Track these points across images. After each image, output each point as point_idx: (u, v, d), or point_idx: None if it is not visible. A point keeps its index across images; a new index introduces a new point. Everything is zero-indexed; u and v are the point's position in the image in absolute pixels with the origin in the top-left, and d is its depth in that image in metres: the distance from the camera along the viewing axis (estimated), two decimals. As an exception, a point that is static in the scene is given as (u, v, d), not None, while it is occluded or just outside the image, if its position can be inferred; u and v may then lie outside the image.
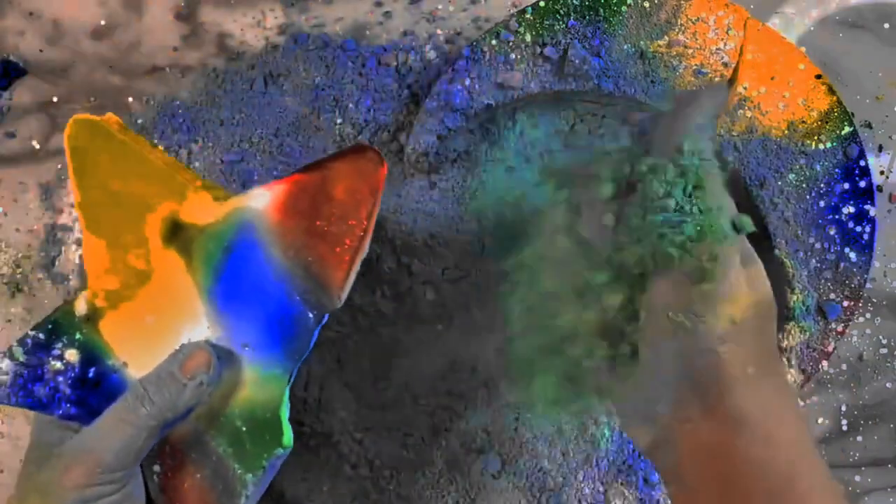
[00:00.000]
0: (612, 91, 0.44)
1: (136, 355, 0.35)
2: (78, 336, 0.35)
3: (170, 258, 0.35)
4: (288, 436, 0.34)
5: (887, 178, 0.50)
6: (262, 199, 0.35)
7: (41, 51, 0.48)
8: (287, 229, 0.35)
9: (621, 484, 0.47)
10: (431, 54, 0.48)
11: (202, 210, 0.35)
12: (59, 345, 0.35)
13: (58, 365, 0.35)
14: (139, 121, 0.48)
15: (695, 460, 0.32)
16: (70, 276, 0.48)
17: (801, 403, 0.49)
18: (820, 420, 0.49)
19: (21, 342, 0.35)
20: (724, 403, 0.31)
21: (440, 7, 0.49)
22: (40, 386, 0.34)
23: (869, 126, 0.50)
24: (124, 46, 0.48)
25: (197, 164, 0.47)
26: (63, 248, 0.48)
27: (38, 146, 0.48)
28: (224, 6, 0.49)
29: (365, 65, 0.48)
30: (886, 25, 0.50)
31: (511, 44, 0.44)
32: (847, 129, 0.44)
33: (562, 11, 0.44)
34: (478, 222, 0.47)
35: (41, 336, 0.35)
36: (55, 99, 0.48)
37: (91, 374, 0.35)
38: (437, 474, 0.47)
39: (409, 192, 0.47)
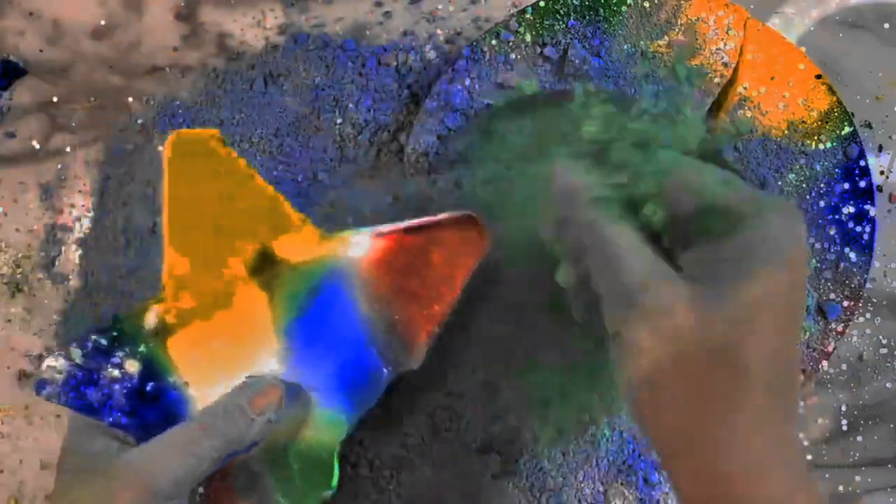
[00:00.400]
0: (612, 91, 0.44)
1: (199, 377, 0.35)
2: (142, 348, 0.34)
3: (252, 289, 0.35)
4: (336, 478, 0.35)
5: (887, 178, 0.50)
6: (359, 249, 0.35)
7: (41, 51, 0.48)
8: (379, 283, 0.35)
9: (621, 484, 0.47)
10: (431, 54, 0.48)
11: (297, 247, 0.35)
12: (121, 353, 0.34)
13: (115, 373, 0.34)
14: (139, 121, 0.48)
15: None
16: (70, 276, 0.48)
17: (802, 403, 0.49)
18: (820, 420, 0.49)
19: (80, 344, 0.34)
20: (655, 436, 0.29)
21: (440, 7, 0.49)
22: (94, 390, 0.34)
23: (869, 126, 0.50)
24: (124, 46, 0.48)
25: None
26: (63, 248, 0.48)
27: (38, 146, 0.48)
28: (224, 6, 0.49)
29: (365, 65, 0.48)
30: (886, 25, 0.50)
31: (511, 44, 0.44)
32: (847, 129, 0.44)
33: (562, 11, 0.44)
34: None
35: (103, 342, 0.34)
36: (55, 99, 0.48)
37: (149, 388, 0.34)
38: (438, 474, 0.47)
39: (408, 191, 0.47)
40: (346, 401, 0.35)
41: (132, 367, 0.34)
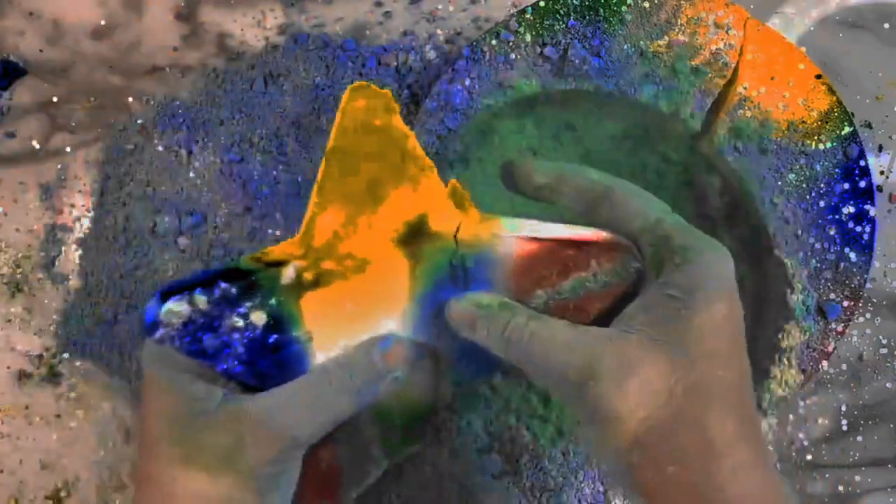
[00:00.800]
0: (612, 91, 0.44)
1: (326, 335, 0.34)
2: (273, 301, 0.33)
3: (396, 257, 0.34)
4: (423, 439, 0.36)
5: (887, 178, 0.50)
6: (511, 244, 0.34)
7: (41, 51, 0.48)
8: (518, 281, 0.34)
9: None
10: (431, 54, 0.48)
11: (452, 223, 0.34)
12: (250, 304, 0.33)
13: (240, 323, 0.32)
14: (139, 121, 0.48)
15: None
16: (70, 276, 0.48)
17: (802, 403, 0.49)
18: (820, 420, 0.49)
19: (207, 290, 0.32)
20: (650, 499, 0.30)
21: (440, 7, 0.49)
22: (211, 336, 0.32)
23: (869, 126, 0.50)
24: (124, 46, 0.48)
25: (197, 163, 0.47)
26: (63, 248, 0.48)
27: (38, 146, 0.48)
28: (224, 6, 0.49)
29: (365, 65, 0.48)
30: (886, 25, 0.50)
31: (511, 44, 0.44)
32: (847, 129, 0.44)
33: (562, 11, 0.44)
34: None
35: (233, 290, 0.32)
36: (55, 99, 0.48)
37: (272, 340, 0.33)
38: (438, 474, 0.47)
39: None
40: (463, 369, 0.35)
41: (259, 318, 0.33)
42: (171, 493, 0.31)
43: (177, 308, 0.32)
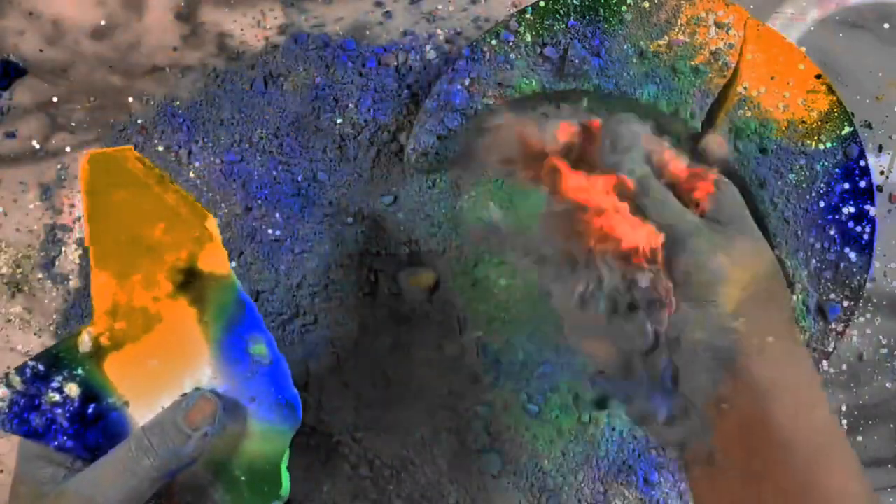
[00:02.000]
0: (612, 91, 0.44)
1: (139, 396, 0.35)
2: (79, 371, 0.35)
3: (181, 305, 0.35)
4: (286, 486, 0.35)
5: (887, 178, 0.50)
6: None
7: (41, 51, 0.48)
8: None
9: (621, 484, 0.47)
10: (431, 54, 0.48)
11: (221, 259, 0.35)
12: (60, 378, 0.34)
13: (56, 397, 0.34)
14: (139, 121, 0.48)
15: (728, 438, 0.33)
16: (70, 276, 0.48)
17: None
18: (820, 420, 0.49)
19: (20, 371, 0.34)
20: (751, 376, 0.32)
21: (440, 7, 0.49)
22: (36, 415, 0.34)
23: (869, 126, 0.50)
24: (124, 46, 0.48)
25: (197, 163, 0.47)
26: (63, 248, 0.48)
27: (38, 146, 0.48)
28: (224, 6, 0.49)
29: (365, 65, 0.48)
30: (886, 25, 0.50)
31: (511, 44, 0.44)
32: (847, 129, 0.44)
33: (562, 11, 0.44)
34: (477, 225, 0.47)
35: (41, 367, 0.34)
36: (55, 99, 0.48)
37: (90, 411, 0.35)
38: (438, 474, 0.47)
39: (408, 191, 0.47)
40: (286, 413, 0.35)
41: (72, 390, 0.34)
42: None
43: None
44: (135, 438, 0.33)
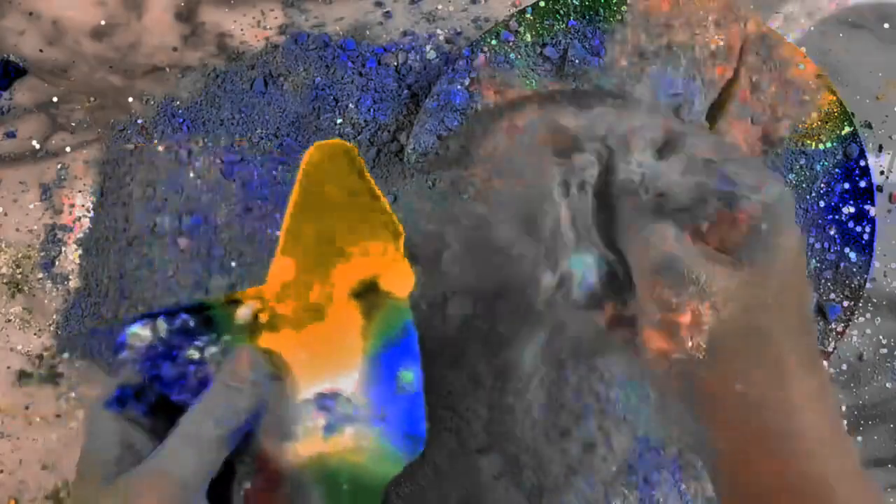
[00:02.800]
0: (612, 91, 0.44)
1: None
2: (227, 338, 0.34)
3: (351, 312, 0.34)
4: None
5: (887, 178, 0.50)
6: None
7: (41, 51, 0.48)
8: None
9: (621, 484, 0.47)
10: (431, 54, 0.48)
11: (405, 283, 0.35)
12: (206, 339, 0.34)
13: (195, 355, 0.34)
14: (139, 121, 0.48)
15: (738, 412, 0.32)
16: (70, 276, 0.48)
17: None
18: (820, 420, 0.49)
19: (169, 319, 0.34)
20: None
21: (440, 7, 0.49)
22: (170, 366, 0.34)
23: (869, 126, 0.50)
24: (124, 46, 0.48)
25: (197, 163, 0.47)
26: (63, 248, 0.48)
27: (38, 146, 0.48)
28: (224, 6, 0.49)
29: (365, 65, 0.48)
30: (886, 25, 0.50)
31: (511, 44, 0.44)
32: (847, 129, 0.44)
33: (562, 11, 0.44)
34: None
35: (191, 324, 0.34)
36: (55, 99, 0.48)
37: None
38: (438, 474, 0.47)
39: (408, 192, 0.47)
40: (408, 443, 0.35)
41: (213, 354, 0.34)
42: None
43: (140, 332, 0.34)
44: (193, 405, 0.33)
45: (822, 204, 0.44)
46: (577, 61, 0.44)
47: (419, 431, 0.35)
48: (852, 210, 0.44)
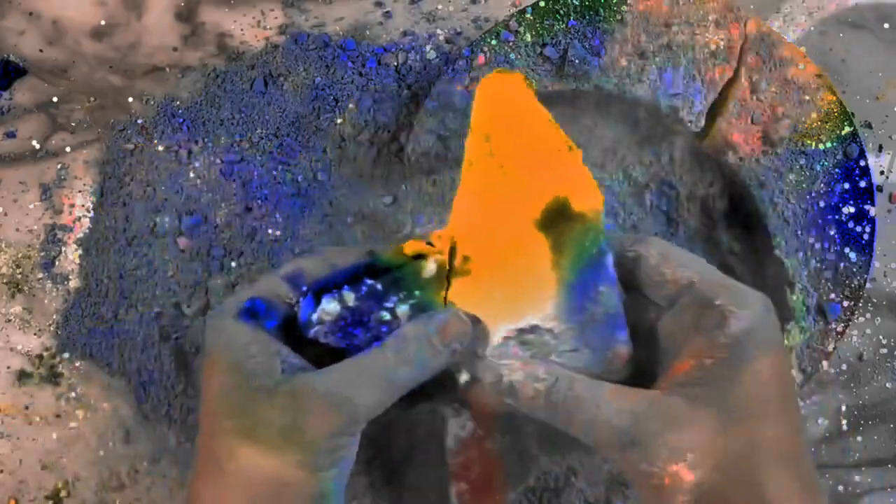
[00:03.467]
0: (612, 91, 0.44)
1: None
2: (417, 294, 0.34)
3: (541, 244, 0.33)
4: None
5: (887, 178, 0.50)
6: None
7: (41, 51, 0.48)
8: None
9: (621, 484, 0.47)
10: (431, 54, 0.48)
11: (594, 197, 0.33)
12: (395, 299, 0.34)
13: (387, 317, 0.34)
14: (139, 121, 0.48)
15: None
16: (70, 276, 0.48)
17: (802, 403, 0.49)
18: (820, 420, 0.49)
19: (355, 288, 0.33)
20: None
21: (440, 7, 0.49)
22: (362, 331, 0.33)
23: (869, 126, 0.50)
24: (124, 46, 0.48)
25: (197, 164, 0.47)
26: (63, 248, 0.48)
27: (38, 146, 0.48)
28: (224, 6, 0.49)
29: (365, 65, 0.48)
30: (886, 25, 0.50)
31: (511, 44, 0.44)
32: (847, 129, 0.44)
33: (562, 11, 0.44)
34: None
35: (378, 287, 0.34)
36: (55, 99, 0.48)
37: None
38: (438, 474, 0.47)
39: (408, 191, 0.47)
40: (612, 363, 0.33)
41: (403, 314, 0.34)
42: (227, 470, 0.31)
43: (330, 308, 0.33)
44: (392, 348, 0.32)
45: (822, 204, 0.44)
46: (577, 61, 0.44)
47: (622, 350, 0.33)
48: (852, 210, 0.44)
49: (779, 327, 0.31)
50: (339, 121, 0.47)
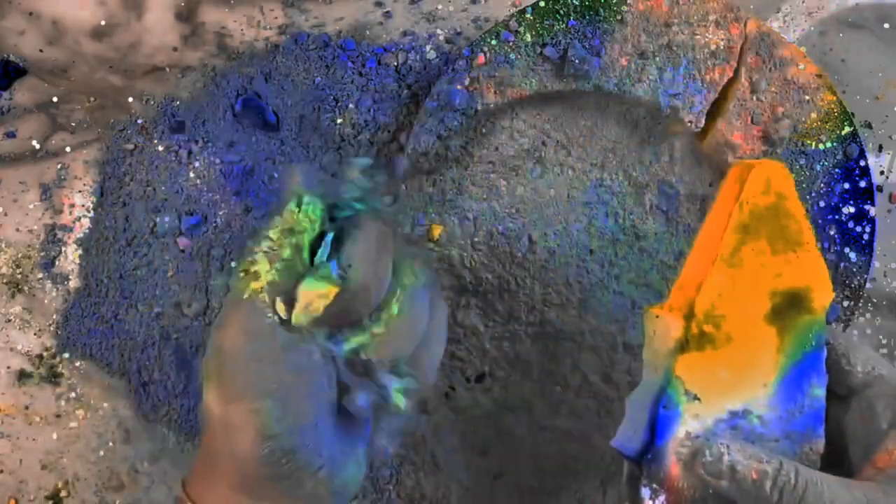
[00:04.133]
0: (612, 91, 0.44)
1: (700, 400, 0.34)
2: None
3: (769, 329, 0.34)
4: None
5: (887, 178, 0.50)
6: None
7: (41, 51, 0.48)
8: None
9: (621, 483, 0.47)
10: (431, 54, 0.48)
11: (824, 293, 0.34)
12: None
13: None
14: (139, 121, 0.48)
15: None
16: (70, 276, 0.48)
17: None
18: (820, 420, 0.49)
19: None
20: None
21: (440, 7, 0.49)
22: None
23: (869, 126, 0.50)
24: (124, 46, 0.48)
25: (197, 164, 0.47)
26: (63, 248, 0.48)
27: (38, 146, 0.48)
28: (224, 6, 0.49)
29: (365, 65, 0.48)
30: (886, 25, 0.50)
31: (511, 44, 0.44)
32: (847, 129, 0.44)
33: (562, 11, 0.44)
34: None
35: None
36: (55, 99, 0.48)
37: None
38: (437, 474, 0.47)
39: (408, 191, 0.47)
40: (810, 455, 0.35)
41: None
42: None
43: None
44: None
45: (822, 204, 0.44)
46: (577, 61, 0.44)
47: (819, 445, 0.34)
48: (852, 210, 0.44)
49: None
50: (339, 121, 0.47)
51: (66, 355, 0.47)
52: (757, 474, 0.31)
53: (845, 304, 0.45)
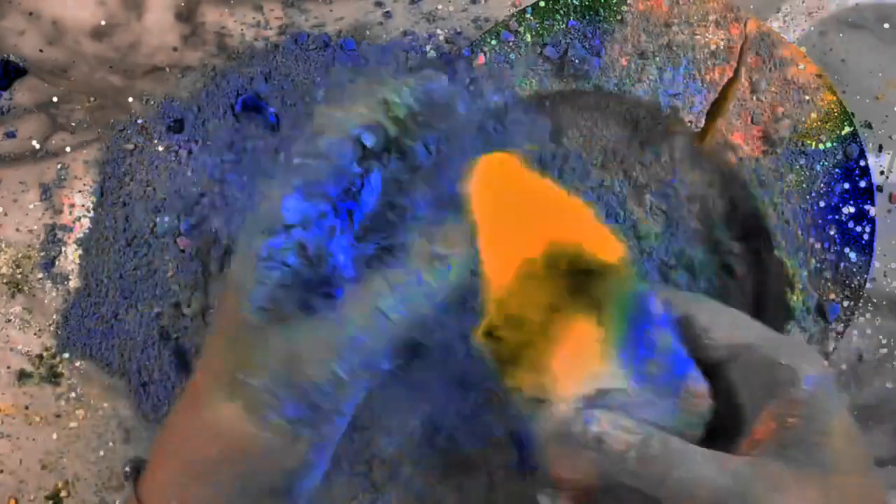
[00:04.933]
0: (612, 91, 0.44)
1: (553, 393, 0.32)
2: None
3: (578, 307, 0.32)
4: None
5: (887, 178, 0.50)
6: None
7: (41, 51, 0.48)
8: None
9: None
10: (431, 54, 0.48)
11: (610, 248, 0.32)
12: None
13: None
14: (139, 121, 0.48)
15: None
16: (70, 276, 0.48)
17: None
18: (820, 420, 0.49)
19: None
20: None
21: (440, 7, 0.49)
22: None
23: (869, 126, 0.50)
24: (124, 46, 0.48)
25: (197, 164, 0.47)
26: (63, 248, 0.48)
27: (38, 146, 0.48)
28: (224, 6, 0.49)
29: (365, 65, 0.48)
30: (886, 25, 0.50)
31: (511, 44, 0.44)
32: (847, 129, 0.44)
33: (562, 11, 0.44)
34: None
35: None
36: (55, 99, 0.48)
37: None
38: (437, 474, 0.47)
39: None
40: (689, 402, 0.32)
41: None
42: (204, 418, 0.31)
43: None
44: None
45: (822, 204, 0.44)
46: (577, 61, 0.44)
47: (696, 386, 0.32)
48: (852, 210, 0.44)
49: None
50: (339, 121, 0.47)
51: (66, 355, 0.47)
52: (624, 445, 0.30)
53: (845, 304, 0.45)
